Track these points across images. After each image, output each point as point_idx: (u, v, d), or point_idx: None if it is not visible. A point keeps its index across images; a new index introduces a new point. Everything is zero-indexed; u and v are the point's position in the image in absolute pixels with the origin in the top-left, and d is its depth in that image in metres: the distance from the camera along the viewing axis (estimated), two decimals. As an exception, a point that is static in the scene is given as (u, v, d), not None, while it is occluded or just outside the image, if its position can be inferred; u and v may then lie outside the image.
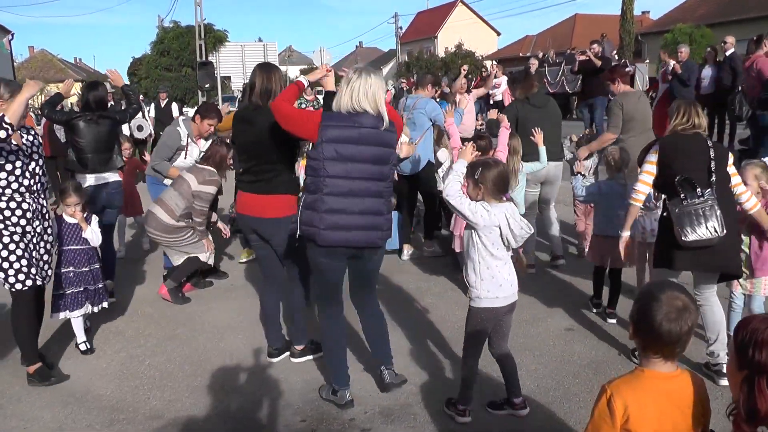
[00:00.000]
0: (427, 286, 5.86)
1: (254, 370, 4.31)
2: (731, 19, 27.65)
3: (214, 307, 5.55)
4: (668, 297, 2.05)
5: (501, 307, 3.46)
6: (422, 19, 68.18)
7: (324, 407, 3.75)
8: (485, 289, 3.40)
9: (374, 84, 3.48)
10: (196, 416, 3.73)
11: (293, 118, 3.62)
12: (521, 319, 5.01)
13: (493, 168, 3.37)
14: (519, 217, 3.37)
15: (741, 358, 1.85)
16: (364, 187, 3.50)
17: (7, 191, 3.88)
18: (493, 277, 3.39)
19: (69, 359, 4.55)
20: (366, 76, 3.49)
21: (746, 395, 1.81)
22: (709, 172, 3.78)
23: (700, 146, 3.85)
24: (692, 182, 3.71)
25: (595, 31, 28.29)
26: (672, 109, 4.00)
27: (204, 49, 19.90)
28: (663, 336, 2.02)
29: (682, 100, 4.06)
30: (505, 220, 3.32)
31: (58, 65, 53.75)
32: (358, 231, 3.52)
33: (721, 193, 3.77)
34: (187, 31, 22.40)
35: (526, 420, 3.55)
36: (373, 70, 3.62)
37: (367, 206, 3.51)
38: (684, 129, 3.89)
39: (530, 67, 17.16)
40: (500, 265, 3.41)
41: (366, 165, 3.48)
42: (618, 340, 4.46)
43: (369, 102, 3.46)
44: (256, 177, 4.13)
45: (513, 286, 3.47)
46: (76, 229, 4.65)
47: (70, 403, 3.89)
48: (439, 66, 49.91)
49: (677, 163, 3.84)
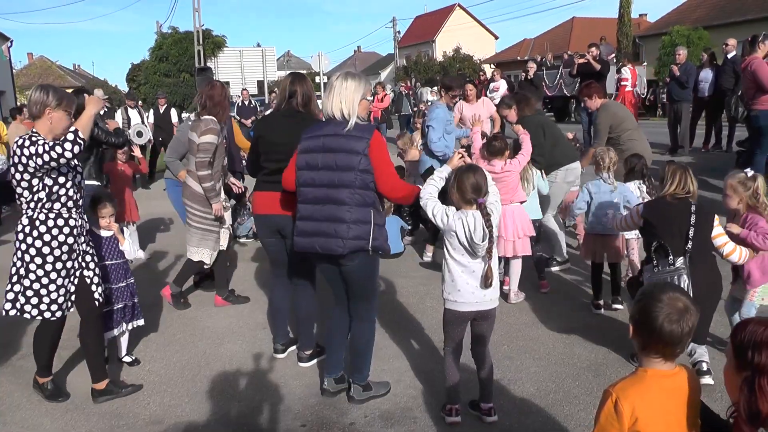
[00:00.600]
0: (426, 290, 5.86)
1: (254, 375, 4.31)
2: (729, 21, 27.68)
3: (213, 312, 5.54)
4: (669, 298, 2.06)
5: (462, 311, 3.47)
6: (420, 23, 68.26)
7: (324, 412, 3.75)
8: (446, 290, 3.48)
9: (349, 87, 3.54)
10: (196, 421, 3.73)
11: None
12: (521, 322, 5.02)
13: (464, 174, 3.40)
14: (482, 226, 3.31)
15: (740, 360, 1.85)
16: (326, 194, 3.56)
17: (55, 206, 3.62)
18: (452, 281, 3.44)
19: (68, 365, 4.54)
20: (343, 81, 3.56)
21: (747, 397, 1.82)
22: (686, 239, 3.81)
23: (684, 212, 3.87)
24: (666, 249, 3.76)
25: (593, 34, 28.40)
26: (667, 172, 3.97)
27: (202, 54, 19.92)
28: (665, 337, 2.03)
29: (677, 165, 4.01)
30: (462, 228, 3.34)
31: (57, 72, 53.86)
32: (320, 237, 3.56)
33: (700, 259, 3.82)
34: (185, 37, 22.42)
35: (526, 422, 3.55)
36: (354, 74, 3.68)
37: (328, 213, 3.54)
38: (675, 195, 3.91)
39: (528, 71, 17.24)
40: (460, 271, 3.42)
41: (328, 172, 3.54)
42: (618, 343, 4.46)
43: (340, 106, 3.53)
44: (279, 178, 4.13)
45: (475, 295, 3.42)
46: (111, 243, 4.33)
47: (70, 409, 3.89)
48: (437, 70, 50.00)
49: (658, 229, 3.92)
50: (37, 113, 3.57)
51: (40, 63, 54.17)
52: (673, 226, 3.87)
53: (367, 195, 3.55)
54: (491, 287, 3.41)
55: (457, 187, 3.39)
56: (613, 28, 31.53)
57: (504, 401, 3.74)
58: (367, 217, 3.55)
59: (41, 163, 3.42)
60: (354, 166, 3.50)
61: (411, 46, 62.87)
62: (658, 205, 4.04)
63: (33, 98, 3.59)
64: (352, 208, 3.52)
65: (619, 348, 4.38)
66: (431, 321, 5.08)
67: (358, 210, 3.53)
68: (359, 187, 3.52)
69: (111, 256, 4.33)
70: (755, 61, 7.73)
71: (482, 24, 64.71)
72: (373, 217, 3.57)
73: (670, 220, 3.89)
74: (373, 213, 3.58)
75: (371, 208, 3.57)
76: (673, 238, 3.82)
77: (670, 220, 3.89)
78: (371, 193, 3.57)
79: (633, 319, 2.15)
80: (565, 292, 5.69)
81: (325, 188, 3.56)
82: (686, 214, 3.85)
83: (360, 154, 3.50)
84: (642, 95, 21.71)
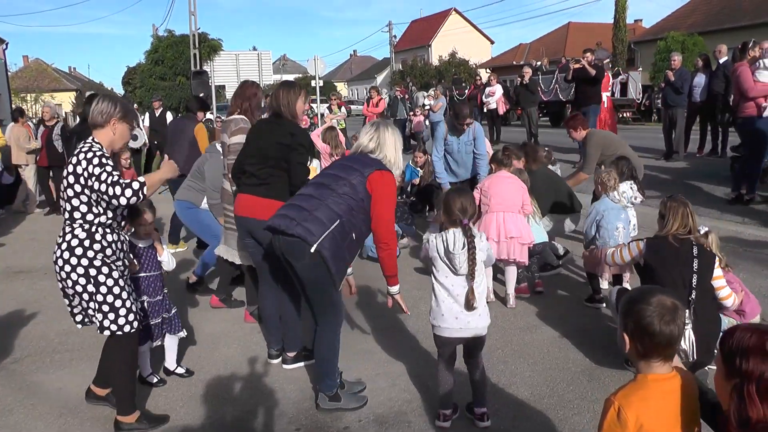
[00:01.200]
0: (420, 294, 5.85)
1: (249, 379, 4.31)
2: (723, 27, 27.85)
3: (208, 316, 5.54)
4: (658, 300, 2.07)
5: (446, 336, 3.49)
6: (416, 27, 68.46)
7: (318, 416, 3.75)
8: (432, 315, 3.53)
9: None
10: (190, 425, 3.72)
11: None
12: (515, 326, 5.03)
13: (452, 197, 3.51)
14: (462, 241, 3.36)
15: (729, 368, 1.86)
16: (310, 192, 3.71)
17: (110, 218, 3.44)
18: (437, 305, 3.49)
19: (63, 369, 4.53)
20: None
21: (737, 404, 1.83)
22: (690, 288, 3.77)
23: (687, 256, 3.81)
24: None
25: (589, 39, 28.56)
26: (668, 210, 3.91)
27: (198, 58, 19.91)
28: (664, 338, 2.04)
29: (677, 201, 3.93)
30: (441, 242, 3.43)
31: (52, 74, 53.82)
32: (278, 218, 3.62)
33: (703, 311, 3.77)
34: (181, 40, 22.41)
35: (521, 426, 3.55)
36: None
37: (299, 202, 3.67)
38: (677, 235, 3.85)
39: (524, 76, 17.29)
40: (445, 295, 3.45)
41: (324, 177, 3.82)
42: (612, 347, 4.46)
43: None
44: (260, 180, 4.26)
45: (459, 320, 3.41)
46: (149, 254, 4.10)
47: (63, 413, 3.87)
48: (433, 74, 50.11)
49: (660, 273, 3.82)
50: (102, 122, 3.46)
51: (35, 66, 54.07)
52: (674, 271, 3.80)
53: (340, 205, 3.55)
54: (474, 311, 3.40)
55: (444, 209, 3.51)
56: (608, 33, 31.70)
57: (498, 405, 3.75)
58: (329, 220, 3.50)
59: (96, 188, 3.25)
60: (347, 178, 3.60)
61: (407, 51, 63.04)
62: (660, 247, 3.92)
63: (99, 107, 3.46)
64: (321, 205, 3.54)
65: (613, 352, 4.39)
66: (426, 325, 5.05)
67: (326, 210, 3.52)
68: (341, 193, 3.57)
69: (149, 267, 4.08)
70: (741, 67, 7.80)
71: (478, 28, 64.94)
72: (334, 227, 3.50)
73: (673, 264, 3.81)
74: (338, 227, 3.51)
75: (338, 218, 3.53)
76: (675, 287, 3.72)
77: (672, 265, 3.81)
78: (344, 206, 3.55)
79: (628, 330, 2.13)
80: (559, 297, 5.71)
81: (313, 186, 3.71)
82: (689, 259, 3.81)
83: (358, 171, 3.61)
84: (637, 100, 21.86)
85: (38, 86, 46.77)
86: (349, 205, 3.56)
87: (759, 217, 7.73)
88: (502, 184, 5.49)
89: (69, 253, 3.35)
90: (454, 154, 6.91)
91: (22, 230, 9.89)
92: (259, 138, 4.39)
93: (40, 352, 4.85)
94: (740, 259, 6.28)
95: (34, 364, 4.63)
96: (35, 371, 4.51)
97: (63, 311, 5.72)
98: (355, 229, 3.61)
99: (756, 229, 7.29)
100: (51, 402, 4.03)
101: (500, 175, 5.62)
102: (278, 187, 4.24)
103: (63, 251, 3.36)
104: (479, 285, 3.44)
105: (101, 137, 3.45)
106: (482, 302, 3.46)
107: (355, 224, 3.60)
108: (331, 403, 3.78)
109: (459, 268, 3.37)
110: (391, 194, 3.68)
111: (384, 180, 3.62)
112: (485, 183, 5.59)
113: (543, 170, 6.54)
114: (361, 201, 3.58)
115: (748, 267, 6.02)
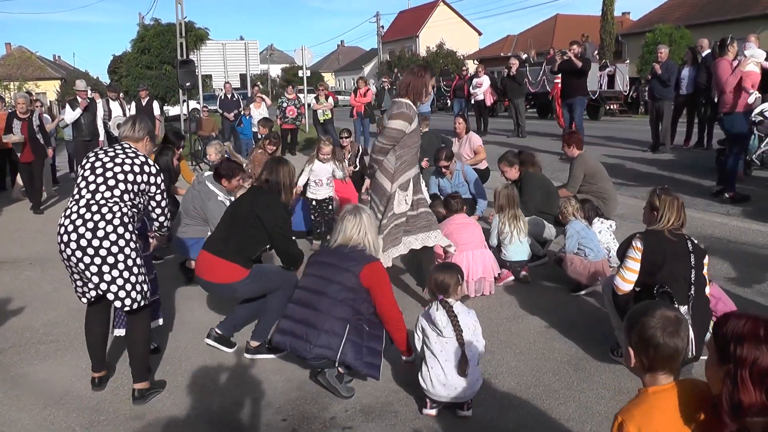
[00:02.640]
0: (407, 284, 5.88)
1: (235, 369, 4.30)
2: (709, 20, 28.05)
3: (194, 306, 5.52)
4: (661, 314, 2.09)
5: (431, 398, 3.56)
6: (404, 18, 68.30)
7: (305, 407, 3.75)
8: (421, 377, 3.59)
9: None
10: (177, 416, 3.71)
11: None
12: (502, 317, 5.06)
13: (432, 272, 3.76)
14: (444, 314, 3.51)
15: (722, 354, 1.88)
16: (308, 299, 3.91)
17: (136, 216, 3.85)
18: (427, 371, 3.55)
19: (48, 360, 4.51)
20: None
21: (729, 389, 1.84)
22: (689, 284, 3.74)
23: (683, 251, 3.78)
24: (671, 296, 3.64)
25: (576, 31, 28.58)
26: (662, 203, 3.84)
27: (185, 47, 19.74)
28: (669, 351, 2.06)
29: (670, 195, 3.86)
30: (425, 322, 3.60)
31: (36, 63, 53.12)
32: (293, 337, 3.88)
33: (698, 301, 3.75)
34: (167, 29, 22.13)
35: (507, 416, 3.57)
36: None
37: (305, 316, 3.86)
38: (672, 227, 3.82)
39: (511, 67, 17.29)
40: (432, 362, 3.54)
41: (318, 280, 3.98)
42: (598, 338, 4.51)
43: None
44: (221, 239, 4.40)
45: (447, 387, 3.48)
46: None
47: (49, 405, 3.85)
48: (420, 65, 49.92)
49: (659, 270, 3.74)
50: (138, 138, 4.04)
51: (18, 53, 53.33)
52: (675, 267, 3.74)
53: (344, 310, 3.72)
54: (465, 377, 3.47)
55: (429, 284, 3.77)
56: (596, 25, 31.78)
57: (484, 395, 3.76)
58: (342, 328, 3.70)
59: (153, 182, 3.91)
60: (342, 282, 3.75)
61: (394, 41, 62.87)
62: (657, 242, 3.81)
63: (138, 125, 4.06)
64: (328, 318, 3.70)
65: (599, 343, 4.43)
66: (412, 316, 5.08)
67: (333, 321, 3.70)
68: (341, 299, 3.73)
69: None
70: (720, 62, 7.87)
71: (466, 20, 64.92)
72: (348, 333, 3.70)
73: (672, 260, 3.75)
74: (350, 331, 3.71)
75: (347, 323, 3.71)
76: (676, 283, 3.71)
77: (672, 261, 3.75)
78: (349, 309, 3.74)
79: (632, 345, 2.13)
80: (546, 287, 5.74)
81: (308, 292, 3.85)
82: (687, 254, 3.78)
83: (350, 272, 3.75)
84: (624, 92, 21.95)
85: (22, 75, 46.13)
86: (351, 306, 3.75)
87: (743, 209, 7.80)
88: (463, 229, 5.61)
89: (95, 233, 3.58)
90: (444, 191, 7.26)
91: (6, 220, 9.79)
92: (240, 205, 4.54)
93: (24, 343, 4.82)
94: (724, 250, 6.33)
95: (18, 356, 4.60)
96: (20, 362, 4.48)
97: (48, 302, 5.72)
98: (365, 321, 3.82)
99: (740, 221, 7.35)
100: (36, 393, 4.01)
101: (456, 221, 5.71)
102: (234, 248, 4.31)
103: (88, 230, 3.58)
104: (470, 348, 3.53)
105: (140, 148, 4.02)
106: (474, 368, 3.52)
107: (364, 317, 3.82)
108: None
109: (442, 331, 3.51)
110: (386, 281, 3.90)
111: (376, 272, 3.83)
112: (444, 229, 5.51)
113: (538, 174, 6.79)
114: (360, 296, 3.79)
115: (732, 259, 6.08)
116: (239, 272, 4.26)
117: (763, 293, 5.22)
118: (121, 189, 3.71)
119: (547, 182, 6.83)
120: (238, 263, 4.26)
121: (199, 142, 15.40)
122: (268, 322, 4.43)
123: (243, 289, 4.38)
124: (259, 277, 4.36)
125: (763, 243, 6.51)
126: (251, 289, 4.39)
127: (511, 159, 6.82)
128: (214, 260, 4.29)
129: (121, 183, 3.72)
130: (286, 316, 3.91)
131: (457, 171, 7.34)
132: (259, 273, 4.39)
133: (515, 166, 6.76)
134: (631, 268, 3.81)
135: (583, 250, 5.48)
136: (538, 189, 6.56)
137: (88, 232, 3.57)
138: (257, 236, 4.34)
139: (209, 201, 5.96)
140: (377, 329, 3.86)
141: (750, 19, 25.82)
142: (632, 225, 7.19)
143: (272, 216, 4.34)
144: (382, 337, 3.87)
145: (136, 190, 3.79)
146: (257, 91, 16.81)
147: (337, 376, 3.83)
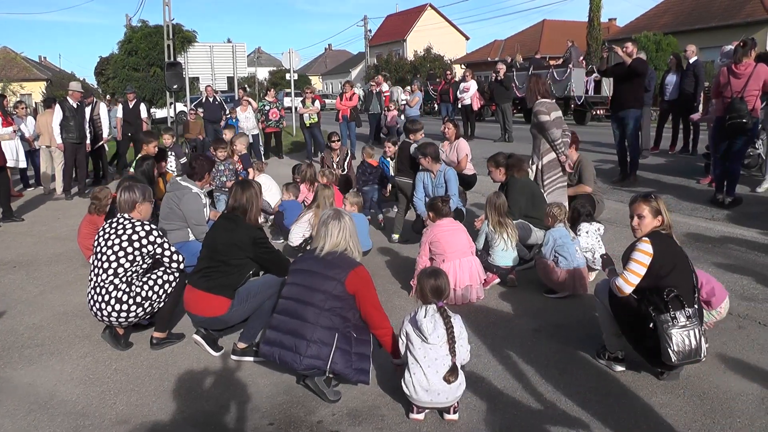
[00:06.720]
0: (394, 288, 5.89)
1: (221, 373, 4.29)
2: (694, 27, 28.38)
3: (180, 310, 5.48)
4: None
5: (414, 404, 3.57)
6: (391, 22, 68.38)
7: (292, 410, 3.75)
8: (404, 383, 3.58)
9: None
10: (163, 421, 3.69)
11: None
12: (488, 321, 5.08)
13: (422, 278, 3.72)
14: (431, 317, 3.51)
15: None
16: (294, 308, 3.89)
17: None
18: (410, 376, 3.54)
19: (33, 365, 4.47)
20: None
21: None
22: (693, 286, 3.75)
23: (684, 255, 3.82)
24: (682, 300, 3.62)
25: (563, 37, 28.78)
26: (660, 204, 3.87)
27: (172, 49, 19.65)
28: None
29: (658, 197, 3.92)
30: (410, 327, 3.59)
31: (21, 63, 52.59)
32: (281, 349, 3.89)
33: (699, 303, 3.76)
34: (155, 31, 22.03)
35: (493, 419, 3.59)
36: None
37: (292, 328, 3.87)
38: (665, 228, 3.85)
39: (499, 72, 17.38)
40: (415, 368, 3.53)
41: (302, 289, 3.96)
42: (583, 341, 4.54)
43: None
44: (204, 274, 4.45)
45: (429, 393, 3.48)
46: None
47: (33, 410, 3.82)
48: (408, 69, 50.12)
49: (670, 272, 3.72)
50: (129, 209, 4.70)
51: (3, 54, 52.73)
52: (682, 270, 3.74)
53: (332, 319, 3.71)
54: (450, 384, 3.48)
55: (419, 289, 3.70)
56: (582, 31, 31.98)
57: (471, 398, 3.78)
58: (330, 338, 3.69)
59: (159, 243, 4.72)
60: (328, 291, 3.73)
61: (382, 45, 62.97)
62: (667, 246, 3.79)
63: (123, 198, 4.69)
64: (316, 328, 3.70)
65: (585, 347, 4.46)
66: (399, 320, 5.10)
67: (321, 331, 3.70)
68: (327, 309, 3.71)
69: None
70: (760, 66, 7.62)
71: (453, 24, 65.12)
72: (336, 341, 3.70)
73: (680, 264, 3.76)
74: (339, 339, 3.70)
75: (335, 332, 3.71)
76: (684, 286, 3.69)
77: (679, 265, 3.76)
78: (336, 318, 3.73)
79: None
80: (532, 291, 5.76)
81: (294, 302, 3.83)
82: (686, 257, 3.81)
83: (335, 280, 3.73)
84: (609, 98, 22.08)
85: (6, 75, 45.68)
86: (339, 315, 3.74)
87: (727, 214, 7.89)
88: (450, 236, 5.58)
89: (136, 229, 4.59)
90: (427, 189, 7.28)
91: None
92: (214, 233, 4.58)
93: (8, 347, 4.77)
94: (708, 255, 6.40)
95: (1, 360, 4.55)
96: (3, 367, 4.44)
97: (33, 305, 5.67)
98: (353, 328, 3.81)
99: (724, 225, 7.44)
100: (19, 398, 3.97)
101: (442, 226, 5.64)
102: (219, 282, 4.38)
103: (128, 228, 4.57)
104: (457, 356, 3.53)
105: (134, 216, 4.72)
106: (458, 375, 3.52)
107: (351, 323, 3.80)
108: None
109: (429, 338, 3.49)
110: (371, 285, 3.86)
111: (360, 278, 3.80)
112: (431, 235, 5.59)
113: (524, 179, 6.79)
114: (347, 303, 3.77)
115: (715, 263, 6.14)
116: (225, 303, 4.36)
117: (747, 297, 5.28)
118: (129, 260, 4.50)
119: (533, 187, 6.86)
120: (223, 295, 4.36)
121: (186, 145, 15.32)
122: (256, 324, 4.44)
123: (234, 316, 4.44)
124: (245, 299, 4.42)
125: (746, 247, 6.59)
126: (241, 313, 4.44)
127: (499, 160, 6.86)
128: (200, 295, 4.39)
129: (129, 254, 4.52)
130: (273, 326, 3.89)
131: (440, 171, 7.35)
132: (244, 295, 4.44)
133: (501, 168, 6.81)
134: (636, 272, 3.78)
135: (557, 257, 5.55)
136: (523, 194, 6.61)
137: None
138: (241, 264, 4.44)
139: (184, 196, 6.10)
140: (364, 334, 3.85)
141: (733, 27, 26.19)
142: (618, 230, 7.26)
143: (251, 240, 4.45)
144: (369, 341, 3.87)
145: (144, 253, 4.58)
146: (243, 95, 16.76)
147: (324, 380, 3.83)
